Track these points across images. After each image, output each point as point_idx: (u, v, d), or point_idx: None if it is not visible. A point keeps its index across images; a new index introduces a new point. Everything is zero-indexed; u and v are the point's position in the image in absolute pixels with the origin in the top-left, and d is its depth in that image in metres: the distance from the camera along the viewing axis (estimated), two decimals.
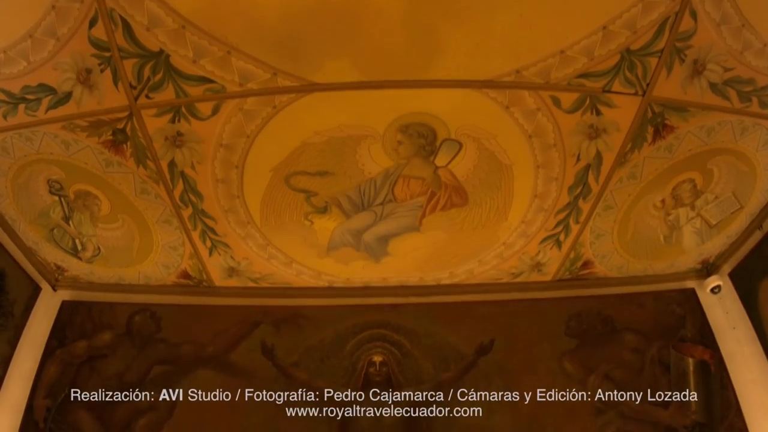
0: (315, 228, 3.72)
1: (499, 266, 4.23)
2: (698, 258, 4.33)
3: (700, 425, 3.92)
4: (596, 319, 4.41)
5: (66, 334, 4.27)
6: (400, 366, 4.22)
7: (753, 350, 4.06)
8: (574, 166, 3.37)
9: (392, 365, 4.22)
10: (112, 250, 4.02)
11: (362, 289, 4.44)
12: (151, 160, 3.25)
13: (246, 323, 4.40)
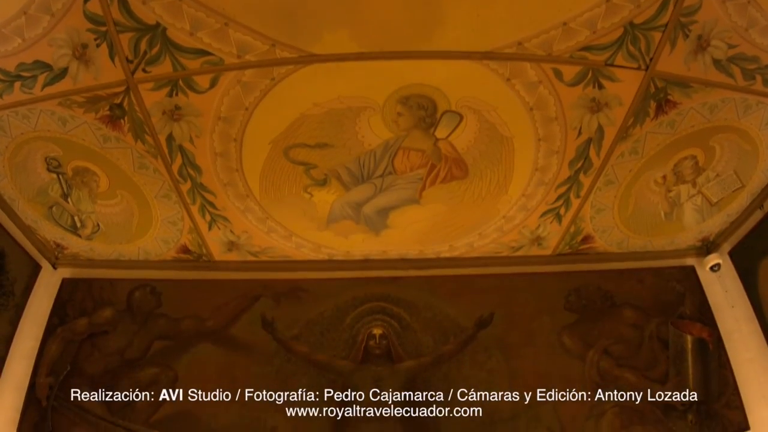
0: (314, 201, 3.73)
1: (499, 240, 4.27)
2: (698, 236, 4.39)
3: (697, 402, 3.98)
4: (596, 294, 4.46)
5: (67, 312, 4.32)
6: (399, 339, 4.27)
7: (751, 329, 4.13)
8: (576, 139, 3.38)
9: (392, 338, 4.27)
10: (112, 226, 4.05)
11: (362, 262, 4.47)
12: (149, 135, 3.25)
13: (246, 297, 4.43)
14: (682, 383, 4.02)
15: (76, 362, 4.14)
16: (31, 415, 3.94)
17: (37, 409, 3.95)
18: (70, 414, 3.95)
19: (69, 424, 3.94)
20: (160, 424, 3.95)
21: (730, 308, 4.27)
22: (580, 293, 4.45)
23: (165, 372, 4.12)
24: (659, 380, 4.09)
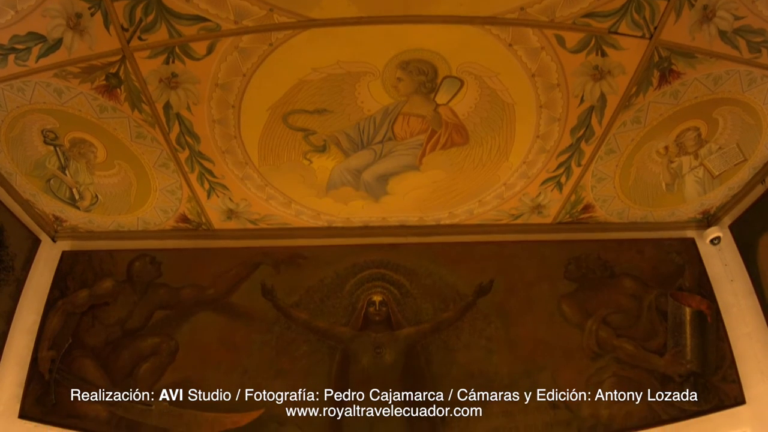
0: (314, 167, 3.73)
1: (499, 207, 4.27)
2: (699, 208, 4.41)
3: (694, 374, 4.03)
4: (595, 263, 4.48)
5: (67, 285, 4.34)
6: (399, 306, 4.29)
7: (749, 304, 4.19)
8: (578, 107, 3.37)
9: (392, 305, 4.29)
10: (110, 197, 4.05)
11: (362, 229, 4.48)
12: (146, 104, 3.23)
13: (246, 265, 4.45)
14: (680, 355, 4.06)
15: (77, 334, 4.17)
16: (34, 389, 3.98)
17: (40, 383, 3.99)
18: (72, 386, 3.97)
19: (72, 396, 3.98)
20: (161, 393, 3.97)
21: (729, 282, 4.33)
22: (579, 262, 4.48)
23: (166, 341, 4.15)
24: (657, 351, 4.12)
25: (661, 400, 3.97)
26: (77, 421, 3.90)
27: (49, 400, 3.93)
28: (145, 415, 3.90)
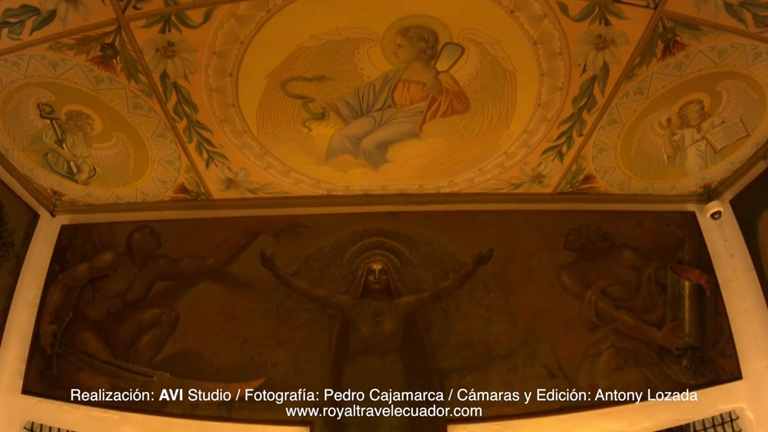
0: (313, 135, 3.71)
1: (500, 176, 4.27)
2: (700, 182, 4.40)
3: (692, 348, 4.05)
4: (595, 234, 4.47)
5: (67, 258, 4.35)
6: (399, 274, 4.29)
7: (748, 279, 4.20)
8: (580, 76, 3.34)
9: (391, 273, 4.29)
10: (108, 169, 4.05)
11: (361, 197, 4.47)
12: (143, 74, 3.21)
13: (245, 234, 4.45)
14: (678, 328, 4.08)
15: (78, 308, 4.20)
16: (36, 363, 4.03)
17: (43, 358, 4.04)
18: (74, 359, 4.02)
19: (74, 369, 4.00)
20: (163, 364, 4.00)
21: (728, 257, 4.34)
22: (579, 233, 4.47)
23: (166, 312, 4.16)
24: (656, 324, 4.14)
25: (658, 373, 3.99)
26: (79, 395, 3.92)
27: (52, 374, 3.97)
28: (147, 386, 3.92)
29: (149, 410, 3.89)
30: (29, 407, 3.97)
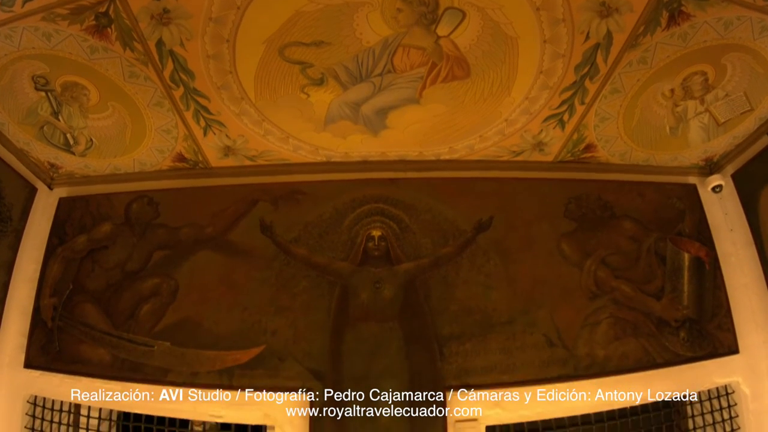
0: (311, 101, 3.66)
1: (500, 143, 4.23)
2: (702, 155, 4.39)
3: (690, 320, 4.08)
4: (596, 203, 4.46)
5: (66, 231, 4.35)
6: (398, 241, 4.29)
7: (748, 254, 4.22)
8: (583, 44, 3.28)
9: (391, 240, 4.28)
10: (105, 140, 4.01)
11: (360, 164, 4.43)
12: (138, 42, 3.15)
13: (244, 202, 4.42)
14: (677, 300, 4.11)
15: (77, 280, 4.21)
16: (37, 337, 4.05)
17: (44, 331, 4.06)
18: (75, 332, 4.04)
19: (75, 342, 4.03)
20: (163, 333, 4.01)
21: (728, 231, 4.35)
22: (580, 202, 4.45)
23: (166, 281, 4.16)
24: (654, 295, 4.16)
25: (656, 344, 4.02)
26: (81, 366, 3.97)
27: (53, 347, 4.00)
28: (148, 356, 3.95)
29: (150, 380, 3.92)
30: (32, 381, 4.00)
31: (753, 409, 4.04)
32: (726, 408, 4.14)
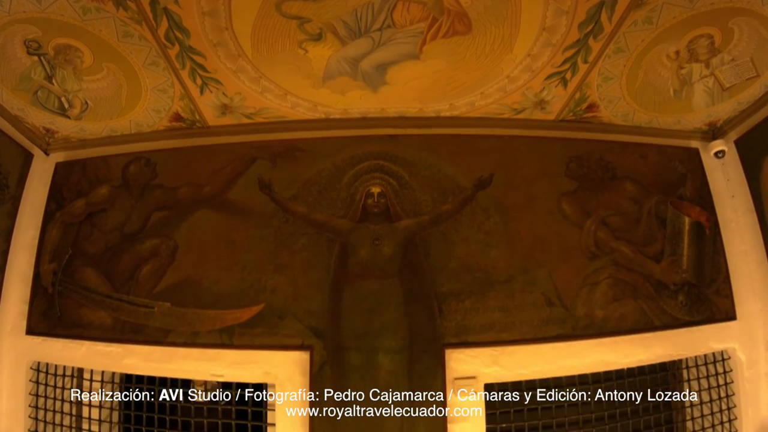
0: (309, 57, 3.61)
1: (502, 100, 4.19)
2: (706, 119, 4.37)
3: (688, 284, 4.12)
4: (597, 164, 4.44)
5: (63, 196, 4.37)
6: (398, 197, 4.27)
7: (749, 221, 4.26)
8: (587, 1, 3.23)
9: (390, 196, 4.27)
10: (100, 102, 3.99)
11: (360, 120, 4.41)
12: (131, 0, 3.09)
13: (242, 160, 4.40)
14: (676, 263, 4.14)
15: (76, 244, 4.24)
16: (38, 303, 4.11)
17: (45, 297, 4.12)
18: (76, 296, 4.09)
19: (76, 306, 4.08)
20: (163, 294, 4.05)
21: (730, 197, 4.37)
22: (581, 161, 4.44)
23: (165, 242, 4.18)
24: (654, 257, 4.18)
25: (654, 306, 4.07)
26: (83, 330, 4.03)
27: (54, 312, 4.05)
28: (148, 317, 4.00)
29: (151, 341, 3.97)
30: (34, 347, 4.09)
31: (748, 375, 4.13)
32: (722, 374, 4.22)
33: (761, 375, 4.14)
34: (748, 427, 4.14)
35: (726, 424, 4.17)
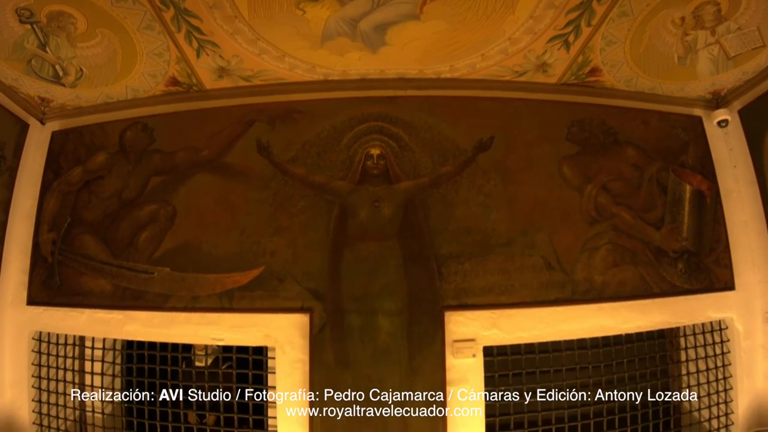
0: (307, 18, 3.56)
1: (503, 62, 4.16)
2: (710, 87, 4.34)
3: (688, 252, 4.15)
4: (599, 128, 4.44)
5: (60, 165, 4.37)
6: (397, 159, 4.27)
7: (750, 192, 4.28)
8: None
9: (390, 158, 4.27)
10: (95, 68, 3.96)
11: (359, 82, 4.38)
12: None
13: (240, 123, 4.39)
14: (677, 231, 4.17)
15: (75, 212, 4.26)
16: (38, 273, 4.15)
17: (44, 267, 4.15)
18: (75, 264, 4.12)
19: (76, 274, 4.12)
20: (162, 259, 4.08)
21: (732, 167, 4.37)
22: (583, 125, 4.43)
23: (163, 207, 4.20)
24: (654, 224, 4.21)
25: (654, 273, 4.11)
26: (83, 299, 4.07)
27: (55, 282, 4.09)
28: (148, 283, 4.03)
29: (152, 306, 4.02)
30: (36, 317, 4.13)
31: (745, 346, 4.19)
32: (719, 343, 4.28)
33: (758, 346, 4.20)
34: (742, 397, 4.21)
35: (721, 393, 4.24)
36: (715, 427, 4.24)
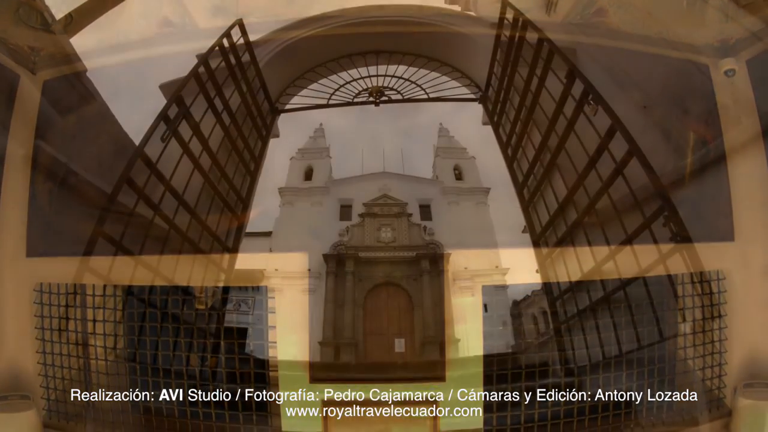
0: None
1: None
2: (718, 35, 4.21)
3: (690, 200, 4.18)
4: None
5: (54, 112, 4.32)
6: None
7: (755, 144, 4.20)
8: None
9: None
10: (84, 12, 3.97)
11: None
12: None
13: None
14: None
15: (71, 161, 4.27)
16: (36, 225, 4.14)
17: (42, 218, 4.15)
18: (73, 213, 4.24)
19: (73, 223, 4.23)
20: None
21: (737, 117, 4.27)
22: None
23: None
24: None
25: None
26: (82, 247, 4.10)
27: (52, 232, 4.12)
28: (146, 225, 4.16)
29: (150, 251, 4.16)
30: (36, 269, 4.12)
31: (741, 297, 4.17)
32: (716, 293, 4.23)
33: (753, 299, 4.18)
34: (736, 349, 4.20)
35: (716, 344, 4.23)
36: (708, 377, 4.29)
